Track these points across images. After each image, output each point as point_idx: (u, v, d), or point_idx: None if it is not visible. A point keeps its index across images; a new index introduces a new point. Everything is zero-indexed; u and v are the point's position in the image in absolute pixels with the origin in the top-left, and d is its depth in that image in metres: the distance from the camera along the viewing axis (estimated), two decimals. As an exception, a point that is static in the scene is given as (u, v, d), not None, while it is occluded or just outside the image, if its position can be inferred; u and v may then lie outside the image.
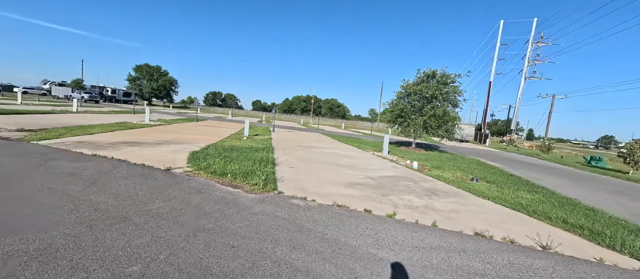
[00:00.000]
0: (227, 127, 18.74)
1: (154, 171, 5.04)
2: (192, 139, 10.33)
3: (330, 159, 8.81)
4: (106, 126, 11.32)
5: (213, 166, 5.75)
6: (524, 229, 3.96)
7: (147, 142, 8.39)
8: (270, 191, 4.55)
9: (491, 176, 8.67)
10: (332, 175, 6.45)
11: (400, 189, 5.68)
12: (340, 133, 27.06)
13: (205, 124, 18.94)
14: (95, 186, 3.89)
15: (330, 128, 37.99)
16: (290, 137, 16.12)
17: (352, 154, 10.90)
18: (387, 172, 7.50)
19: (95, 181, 4.09)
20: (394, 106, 15.47)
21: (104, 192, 3.71)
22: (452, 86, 14.38)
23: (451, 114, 14.36)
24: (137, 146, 7.46)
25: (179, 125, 15.91)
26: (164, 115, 24.94)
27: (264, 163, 6.55)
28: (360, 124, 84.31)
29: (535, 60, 44.69)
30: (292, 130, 23.44)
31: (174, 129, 13.39)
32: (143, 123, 14.35)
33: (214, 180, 4.88)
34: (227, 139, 11.49)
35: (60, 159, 5.17)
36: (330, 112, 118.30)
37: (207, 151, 7.59)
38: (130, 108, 27.68)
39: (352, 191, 5.15)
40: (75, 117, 13.74)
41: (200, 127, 15.90)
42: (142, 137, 9.23)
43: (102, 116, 16.78)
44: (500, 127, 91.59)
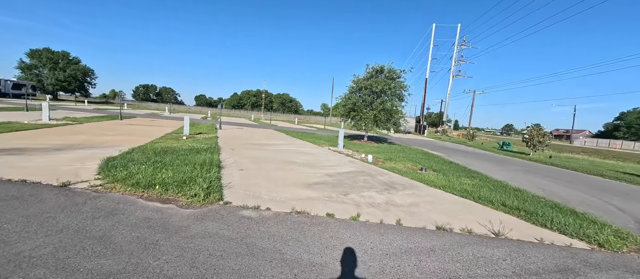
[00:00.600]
0: (163, 125, 16.14)
1: (41, 190, 3.63)
2: (111, 141, 8.32)
3: (285, 157, 8.19)
4: (-27, 128, 8.26)
5: (136, 175, 4.53)
6: (475, 217, 4.15)
7: (40, 148, 6.31)
8: (214, 202, 3.74)
9: (436, 164, 9.40)
10: (288, 175, 5.88)
11: (360, 185, 5.50)
12: (294, 128, 26.43)
13: (133, 123, 15.93)
14: None
15: (284, 124, 36.98)
16: (240, 134, 14.79)
17: (308, 150, 10.48)
18: (345, 168, 7.32)
19: None
20: (347, 100, 15.64)
21: None
22: (398, 81, 15.24)
23: (398, 108, 15.26)
24: (21, 155, 5.49)
25: (93, 124, 12.89)
26: (75, 112, 20.15)
27: (207, 167, 5.56)
28: (313, 118, 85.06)
29: (459, 60, 51.95)
30: (242, 127, 21.79)
31: (85, 129, 10.70)
32: (38, 123, 11.09)
33: (136, 195, 3.78)
34: (161, 139, 9.71)
35: None
36: (283, 107, 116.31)
37: (131, 155, 6.10)
38: (22, 104, 21.57)
39: (312, 193, 4.71)
40: None
41: (125, 127, 13.22)
42: (33, 142, 6.95)
43: (-29, 114, 12.42)
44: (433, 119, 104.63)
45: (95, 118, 16.08)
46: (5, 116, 12.63)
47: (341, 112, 16.17)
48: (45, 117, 12.27)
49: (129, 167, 4.97)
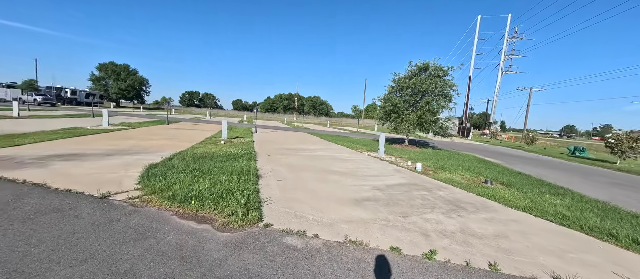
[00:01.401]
0: (203, 129, 16.82)
1: (81, 201, 3.48)
2: (155, 146, 8.58)
3: (323, 165, 7.54)
4: (47, 134, 9.21)
5: (174, 185, 4.25)
6: (600, 259, 2.96)
7: (92, 153, 6.60)
8: (252, 224, 3.19)
9: (501, 175, 7.88)
10: (330, 188, 5.19)
11: (419, 204, 4.55)
12: (326, 131, 25.88)
13: (178, 127, 16.89)
14: (-45, 243, 2.32)
15: (316, 126, 36.74)
16: (274, 138, 14.64)
17: (346, 156, 9.71)
18: (393, 179, 6.38)
19: (-40, 232, 2.51)
20: (386, 102, 14.49)
21: (-38, 255, 2.16)
22: (445, 80, 13.65)
23: (446, 108, 13.66)
24: (75, 160, 5.71)
25: (144, 129, 13.83)
26: (131, 118, 22.29)
27: (245, 176, 5.14)
28: (344, 121, 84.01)
29: (510, 54, 46.36)
30: (276, 130, 21.88)
31: (135, 134, 11.41)
32: (98, 128, 12.18)
33: (171, 210, 3.42)
34: (201, 144, 9.82)
35: None
36: (314, 110, 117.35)
37: (171, 162, 6.01)
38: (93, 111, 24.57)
39: (362, 213, 3.93)
40: (11, 124, 11.32)
41: (170, 131, 13.95)
42: (89, 147, 7.38)
43: (51, 121, 14.24)
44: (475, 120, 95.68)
45: (146, 123, 17.42)
46: (75, 122, 14.24)
47: (380, 114, 15.07)
48: (105, 123, 13.51)
49: (168, 176, 4.76)
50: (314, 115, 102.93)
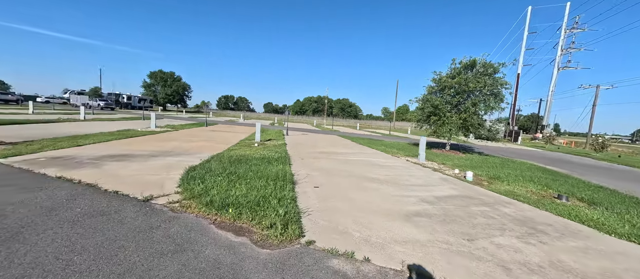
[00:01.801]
0: (238, 131, 17.40)
1: (126, 204, 3.49)
2: (195, 148, 8.89)
3: (360, 171, 7.03)
4: (104, 135, 10.15)
5: (211, 190, 4.15)
6: None
7: (140, 154, 6.98)
8: (293, 240, 2.86)
9: (576, 189, 6.56)
10: (372, 198, 4.68)
11: (482, 223, 3.82)
12: (357, 134, 25.17)
13: (215, 129, 17.70)
14: (11, 244, 2.35)
15: (346, 129, 36.16)
16: (306, 141, 14.48)
17: (382, 161, 9.06)
18: (443, 190, 5.63)
19: (17, 233, 2.57)
20: (425, 103, 13.42)
21: (15, 260, 2.15)
22: (496, 78, 12.18)
23: (496, 109, 12.17)
24: (124, 161, 6.03)
25: (185, 131, 14.68)
26: (175, 120, 24.11)
27: (281, 182, 4.89)
28: (374, 123, 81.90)
29: (569, 48, 40.71)
30: (307, 133, 21.83)
31: (178, 136, 12.09)
32: (147, 130, 13.20)
33: (209, 218, 3.25)
34: (236, 146, 9.98)
35: (5, 187, 3.74)
36: (342, 112, 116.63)
37: (209, 164, 6.04)
38: (144, 114, 27.17)
39: (415, 231, 3.36)
40: (78, 126, 12.78)
41: (208, 133, 14.60)
42: (137, 148, 7.87)
43: (109, 123, 15.89)
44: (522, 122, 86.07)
45: (188, 125, 18.59)
46: (128, 125, 15.71)
47: (417, 116, 14.03)
48: (153, 126, 14.65)
49: (206, 179, 4.70)
50: (343, 117, 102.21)
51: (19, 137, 8.27)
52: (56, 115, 18.50)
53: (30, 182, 4.05)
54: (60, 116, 18.08)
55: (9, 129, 9.90)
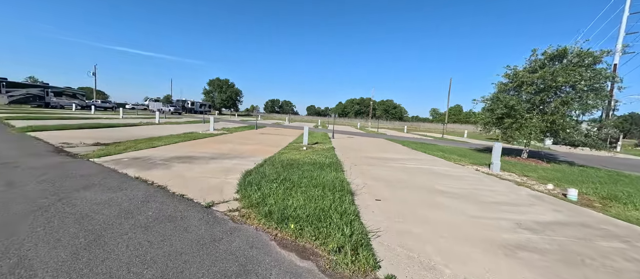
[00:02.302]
0: (285, 134, 17.80)
1: (190, 210, 3.49)
2: (249, 150, 9.16)
3: (425, 182, 6.15)
4: (173, 137, 11.31)
5: (269, 199, 3.95)
6: None
7: (201, 156, 7.40)
8: (368, 271, 2.36)
9: None
10: (451, 218, 3.87)
11: (631, 271, 2.71)
12: (406, 138, 23.44)
13: (264, 132, 18.46)
14: (92, 249, 2.41)
15: (392, 132, 34.25)
16: (353, 144, 13.89)
17: (445, 169, 7.91)
18: (542, 213, 4.43)
19: (99, 236, 2.66)
20: (495, 103, 11.50)
21: (94, 268, 2.16)
22: (594, 69, 9.69)
23: (597, 108, 9.68)
24: (188, 163, 6.41)
25: (238, 134, 15.59)
26: (229, 123, 26.14)
27: (338, 193, 4.45)
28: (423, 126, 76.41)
29: (698, 27, 31.05)
30: (352, 135, 21.19)
31: (232, 138, 12.82)
32: (206, 133, 14.39)
33: (270, 233, 2.99)
34: (286, 149, 10.00)
35: (95, 187, 4.16)
36: (386, 114, 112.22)
37: (263, 169, 5.99)
38: (201, 118, 30.27)
39: (532, 277, 2.51)
40: (153, 129, 14.65)
41: (259, 136, 15.21)
42: (199, 150, 8.43)
43: (177, 126, 17.95)
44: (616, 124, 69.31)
45: (240, 128, 19.84)
46: (191, 128, 17.49)
47: (485, 118, 12.12)
48: (211, 128, 15.97)
49: (262, 186, 4.56)
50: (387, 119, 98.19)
51: (110, 138, 9.71)
52: (138, 119, 21.77)
53: (114, 182, 4.45)
54: (141, 120, 21.22)
55: (106, 131, 11.81)
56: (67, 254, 2.30)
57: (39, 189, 3.86)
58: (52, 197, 3.59)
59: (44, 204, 3.32)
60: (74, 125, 13.02)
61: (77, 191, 3.88)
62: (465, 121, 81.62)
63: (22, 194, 3.62)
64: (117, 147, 7.84)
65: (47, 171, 4.81)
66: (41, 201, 3.41)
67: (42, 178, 4.38)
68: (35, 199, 3.45)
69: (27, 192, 3.70)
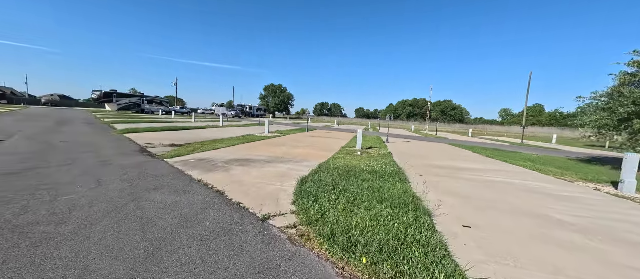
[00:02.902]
0: (336, 137, 17.33)
1: (246, 223, 3.19)
2: (302, 154, 8.93)
3: (522, 203, 4.72)
4: (233, 139, 12.00)
5: (328, 215, 3.39)
6: None
7: (257, 159, 7.42)
8: None
9: None
10: (591, 267, 2.62)
11: None
12: (473, 142, 20.28)
13: (315, 134, 18.38)
14: (148, 265, 2.23)
15: (453, 136, 30.40)
16: (412, 150, 12.46)
17: (548, 187, 6.08)
18: None
19: (157, 248, 2.50)
20: (618, 99, 8.63)
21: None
22: None
23: None
24: (246, 166, 6.43)
25: (291, 136, 15.80)
26: (281, 126, 27.23)
27: (412, 213, 3.61)
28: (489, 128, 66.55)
29: None
30: (408, 139, 19.38)
31: (286, 141, 12.95)
32: (262, 135, 14.98)
33: (335, 263, 2.41)
34: (339, 154, 9.44)
35: (163, 188, 4.32)
36: (443, 115, 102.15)
37: (319, 176, 5.53)
38: (257, 121, 32.38)
39: None
40: (217, 132, 16.03)
41: (310, 139, 15.10)
42: (255, 153, 8.57)
43: (237, 128, 19.38)
44: None
45: (292, 131, 20.27)
46: (249, 130, 18.63)
47: (599, 120, 9.25)
48: (266, 131, 16.64)
49: (319, 197, 4.06)
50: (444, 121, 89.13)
51: (182, 140, 10.81)
52: (206, 123, 24.46)
53: (179, 184, 4.58)
54: (208, 123, 23.77)
55: (180, 134, 13.34)
56: (125, 270, 2.14)
57: (119, 188, 4.17)
58: (127, 197, 3.78)
59: (119, 205, 3.47)
60: (157, 128, 15.18)
61: (147, 192, 4.05)
62: (548, 124, 67.59)
63: (105, 193, 3.92)
64: (186, 148, 8.55)
65: (129, 170, 5.31)
66: (118, 201, 3.59)
67: (124, 177, 4.80)
68: (113, 199, 3.66)
69: (109, 191, 4.01)
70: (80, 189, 4.01)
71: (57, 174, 4.70)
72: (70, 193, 3.78)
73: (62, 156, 6.25)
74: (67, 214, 3.09)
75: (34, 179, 4.31)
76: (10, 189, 3.81)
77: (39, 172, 4.73)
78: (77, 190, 3.94)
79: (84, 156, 6.47)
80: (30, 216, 2.99)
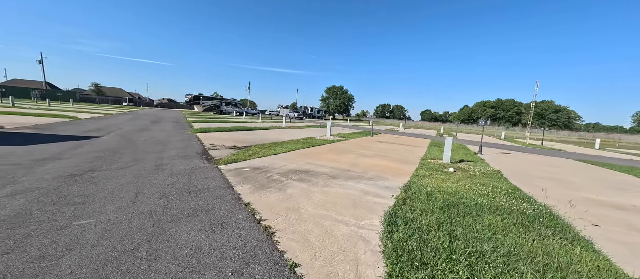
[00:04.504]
0: (408, 144, 14.63)
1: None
2: (373, 166, 7.05)
3: None
4: (293, 142, 11.06)
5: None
6: None
7: (320, 172, 5.95)
8: None
9: None
10: None
11: None
12: (614, 159, 14.06)
13: (382, 140, 16.08)
14: None
15: (570, 147, 22.73)
16: (528, 168, 8.89)
17: None
18: None
19: None
20: None
21: None
22: None
23: None
24: (306, 182, 5.01)
25: (355, 141, 14.02)
26: (342, 128, 25.76)
27: None
28: (624, 139, 49.45)
29: None
30: (509, 151, 14.91)
31: (350, 147, 11.24)
32: (324, 139, 13.72)
33: None
34: (424, 170, 7.13)
35: (199, 215, 3.21)
36: (541, 119, 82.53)
37: (413, 213, 3.58)
38: (317, 123, 31.86)
39: None
40: (279, 133, 15.65)
41: (378, 145, 12.98)
42: (317, 162, 7.16)
43: (298, 130, 18.87)
44: None
45: (355, 134, 18.46)
46: (310, 132, 17.79)
47: None
48: (328, 134, 15.36)
49: (429, 264, 2.15)
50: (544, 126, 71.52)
51: (245, 141, 10.43)
52: (270, 123, 25.14)
53: (221, 209, 3.42)
54: (272, 124, 24.33)
55: (245, 134, 13.31)
56: None
57: (150, 210, 3.24)
58: (150, 229, 2.75)
59: (129, 248, 2.41)
60: (226, 128, 15.80)
61: (178, 221, 2.97)
62: None
63: (129, 219, 3.01)
64: (245, 152, 7.83)
65: (177, 180, 4.56)
66: (134, 238, 2.56)
67: (167, 190, 3.98)
68: (131, 233, 2.66)
69: (137, 215, 3.10)
70: (109, 207, 3.23)
71: (105, 181, 4.23)
72: (92, 215, 3.00)
73: (129, 156, 6.17)
74: (55, 262, 2.14)
75: (77, 187, 3.85)
76: (37, 203, 3.30)
77: (92, 176, 4.38)
78: (104, 209, 3.17)
79: (147, 157, 6.29)
80: (14, 261, 2.13)
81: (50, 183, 3.88)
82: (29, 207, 3.05)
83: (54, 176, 4.23)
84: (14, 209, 2.99)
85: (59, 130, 10.06)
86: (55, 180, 4.05)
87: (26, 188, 3.59)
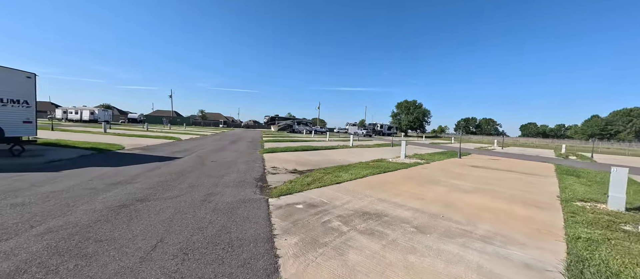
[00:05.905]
0: (521, 169, 10.61)
1: None
2: (482, 211, 4.65)
3: None
4: (361, 166, 9.44)
5: None
6: None
7: (400, 217, 4.13)
8: None
9: None
10: None
11: None
12: None
13: (476, 163, 12.43)
14: None
15: None
16: None
17: None
18: None
19: None
20: None
21: None
22: None
23: None
24: (379, 238, 3.34)
25: (438, 165, 11.16)
26: (418, 148, 22.32)
27: None
28: None
29: None
30: None
31: (435, 174, 8.70)
32: (398, 161, 11.49)
33: None
34: (584, 226, 4.21)
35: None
36: None
37: None
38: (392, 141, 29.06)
39: None
40: (346, 154, 14.30)
41: (474, 171, 9.79)
42: (392, 198, 5.31)
43: (367, 150, 17.09)
44: None
45: (436, 156, 15.21)
46: (380, 152, 15.73)
47: None
48: (402, 156, 12.99)
49: None
50: None
51: (307, 164, 9.53)
52: (337, 142, 24.25)
53: None
54: (339, 143, 23.34)
55: (309, 155, 12.55)
56: None
57: (154, 277, 2.30)
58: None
59: None
60: (293, 147, 15.62)
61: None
62: None
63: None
64: (304, 179, 6.76)
65: (214, 220, 3.72)
66: None
67: (193, 239, 3.10)
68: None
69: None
70: (112, 266, 2.47)
71: (142, 217, 3.74)
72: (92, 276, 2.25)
73: (188, 182, 5.99)
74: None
75: (109, 225, 3.42)
76: (47, 252, 2.83)
77: (135, 209, 4.02)
78: (105, 269, 2.41)
79: (205, 182, 5.97)
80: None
81: (92, 216, 3.63)
82: (34, 261, 2.60)
83: (105, 206, 4.06)
84: (16, 262, 2.57)
85: (157, 151, 11.72)
86: (102, 211, 3.82)
87: (63, 225, 3.33)
